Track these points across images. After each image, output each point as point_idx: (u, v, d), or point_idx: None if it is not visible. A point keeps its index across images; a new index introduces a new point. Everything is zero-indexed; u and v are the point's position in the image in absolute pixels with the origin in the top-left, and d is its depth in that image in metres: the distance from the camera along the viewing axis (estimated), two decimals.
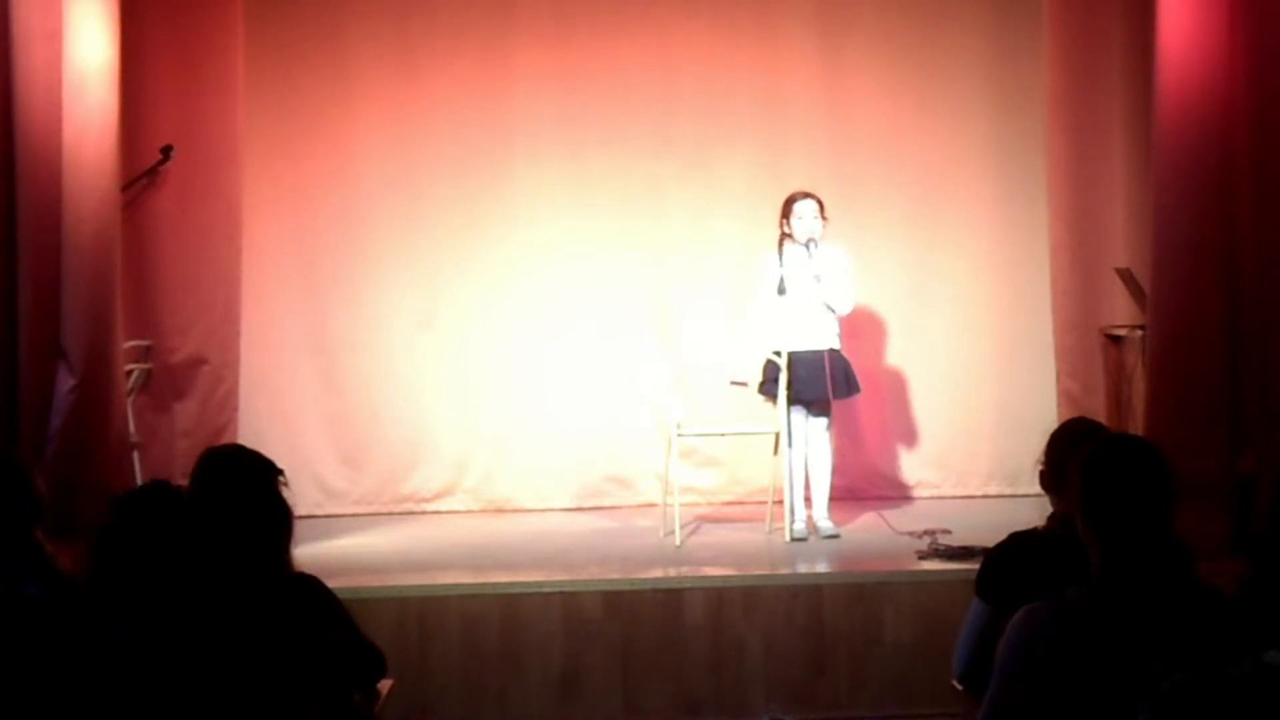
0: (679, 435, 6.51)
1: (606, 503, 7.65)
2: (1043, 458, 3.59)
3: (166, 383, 7.03)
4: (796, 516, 6.42)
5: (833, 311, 6.47)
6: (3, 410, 5.68)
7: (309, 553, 4.90)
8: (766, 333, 6.49)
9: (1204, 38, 5.84)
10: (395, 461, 7.67)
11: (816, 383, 6.37)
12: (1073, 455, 3.35)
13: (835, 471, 6.63)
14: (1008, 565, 3.59)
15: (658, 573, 5.76)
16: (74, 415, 5.82)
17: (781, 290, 6.45)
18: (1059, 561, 3.38)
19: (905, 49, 7.77)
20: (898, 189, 7.78)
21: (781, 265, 6.49)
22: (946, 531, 6.12)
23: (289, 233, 7.66)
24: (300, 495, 5.01)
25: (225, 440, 6.69)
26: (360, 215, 7.67)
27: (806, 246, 6.43)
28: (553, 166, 7.72)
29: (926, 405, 7.77)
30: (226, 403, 7.16)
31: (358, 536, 6.87)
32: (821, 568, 5.94)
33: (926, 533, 6.13)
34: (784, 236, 6.51)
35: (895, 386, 7.76)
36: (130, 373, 6.57)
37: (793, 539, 6.35)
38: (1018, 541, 3.66)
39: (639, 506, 7.51)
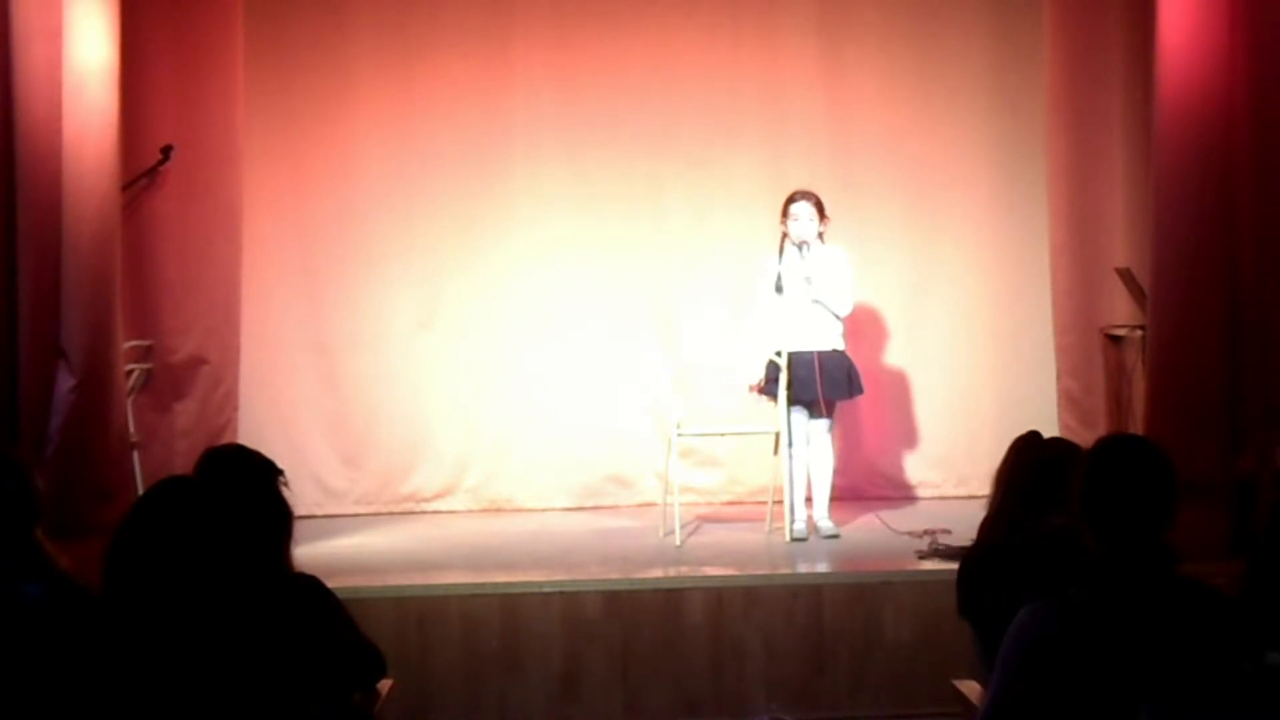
0: (679, 435, 6.51)
1: (606, 503, 7.66)
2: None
3: (166, 383, 7.03)
4: (796, 516, 6.42)
5: (831, 313, 6.47)
6: (3, 410, 5.68)
7: (309, 553, 4.88)
8: (767, 332, 6.50)
9: (1204, 38, 5.84)
10: (395, 461, 7.67)
11: (816, 384, 6.38)
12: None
13: (836, 471, 6.63)
14: (974, 583, 3.61)
15: (658, 573, 5.76)
16: (74, 415, 5.82)
17: (779, 289, 6.45)
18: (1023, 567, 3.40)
19: (906, 49, 7.77)
20: (898, 189, 7.77)
21: (781, 265, 6.49)
22: (946, 531, 6.12)
23: (289, 233, 7.66)
24: (300, 495, 4.99)
25: (225, 440, 6.70)
26: (360, 215, 7.67)
27: (799, 248, 6.44)
28: (553, 166, 7.72)
29: (927, 405, 7.77)
30: (226, 403, 7.16)
31: (358, 536, 6.87)
32: (821, 568, 5.94)
33: (926, 533, 6.14)
34: (784, 236, 6.52)
35: (896, 386, 7.76)
36: (130, 373, 6.57)
37: (793, 539, 6.35)
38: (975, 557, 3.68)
39: (639, 506, 7.51)
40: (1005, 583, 3.40)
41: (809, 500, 6.54)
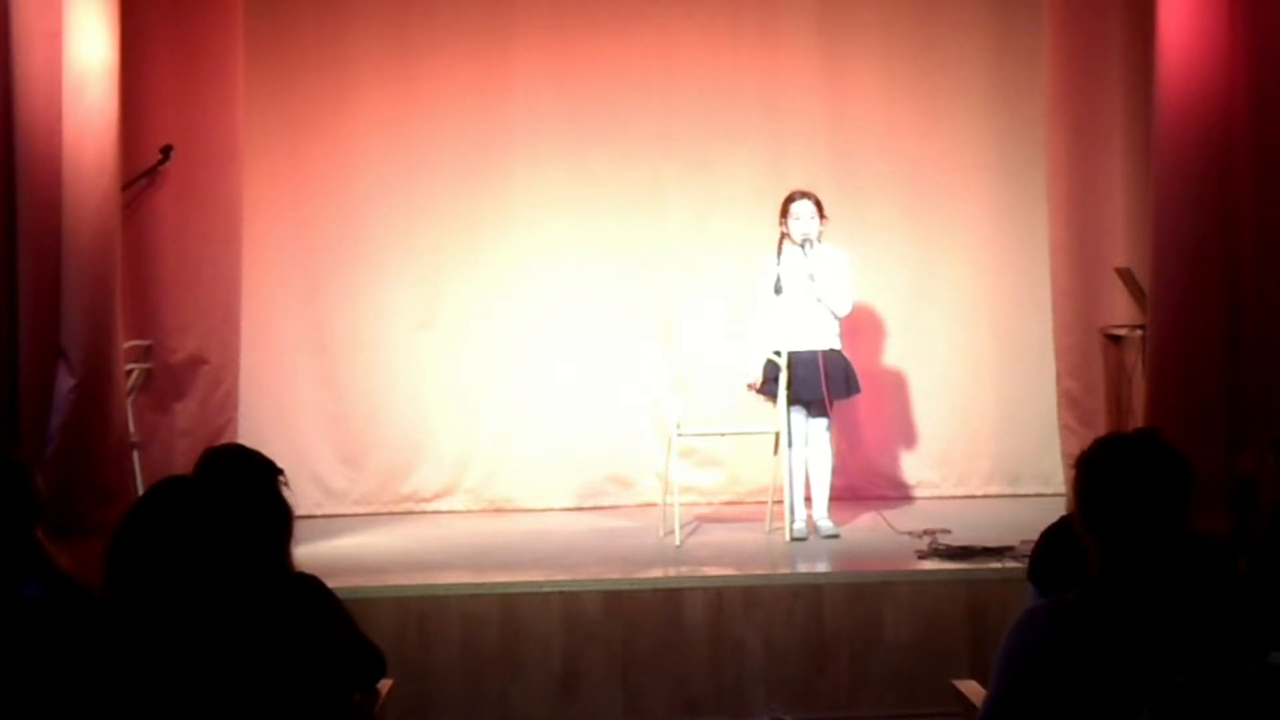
0: (679, 435, 6.51)
1: (606, 503, 7.66)
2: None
3: (166, 383, 7.03)
4: (796, 516, 6.42)
5: (831, 312, 6.47)
6: (3, 410, 5.68)
7: (309, 553, 4.89)
8: (767, 332, 6.50)
9: (1204, 38, 5.84)
10: (395, 461, 7.67)
11: (816, 383, 6.38)
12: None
13: (835, 471, 6.63)
14: (1053, 551, 3.59)
15: (658, 573, 5.76)
16: (74, 415, 5.83)
17: (778, 289, 6.45)
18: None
19: (905, 49, 7.77)
20: (898, 189, 7.78)
21: (779, 265, 6.49)
22: (946, 531, 6.12)
23: (289, 233, 7.66)
24: (300, 495, 4.99)
25: (225, 440, 6.69)
26: (360, 215, 7.67)
27: (802, 246, 6.44)
28: (553, 166, 7.72)
29: (926, 405, 7.77)
30: (226, 403, 7.16)
31: (358, 536, 6.86)
32: (821, 568, 5.94)
33: (926, 532, 6.13)
34: (783, 236, 6.52)
35: (895, 386, 7.76)
36: (130, 373, 6.58)
37: (793, 539, 6.35)
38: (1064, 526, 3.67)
39: (639, 506, 7.51)
40: (1076, 566, 3.38)
41: (808, 500, 6.54)
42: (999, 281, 7.79)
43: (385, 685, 3.62)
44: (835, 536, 6.41)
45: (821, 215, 6.47)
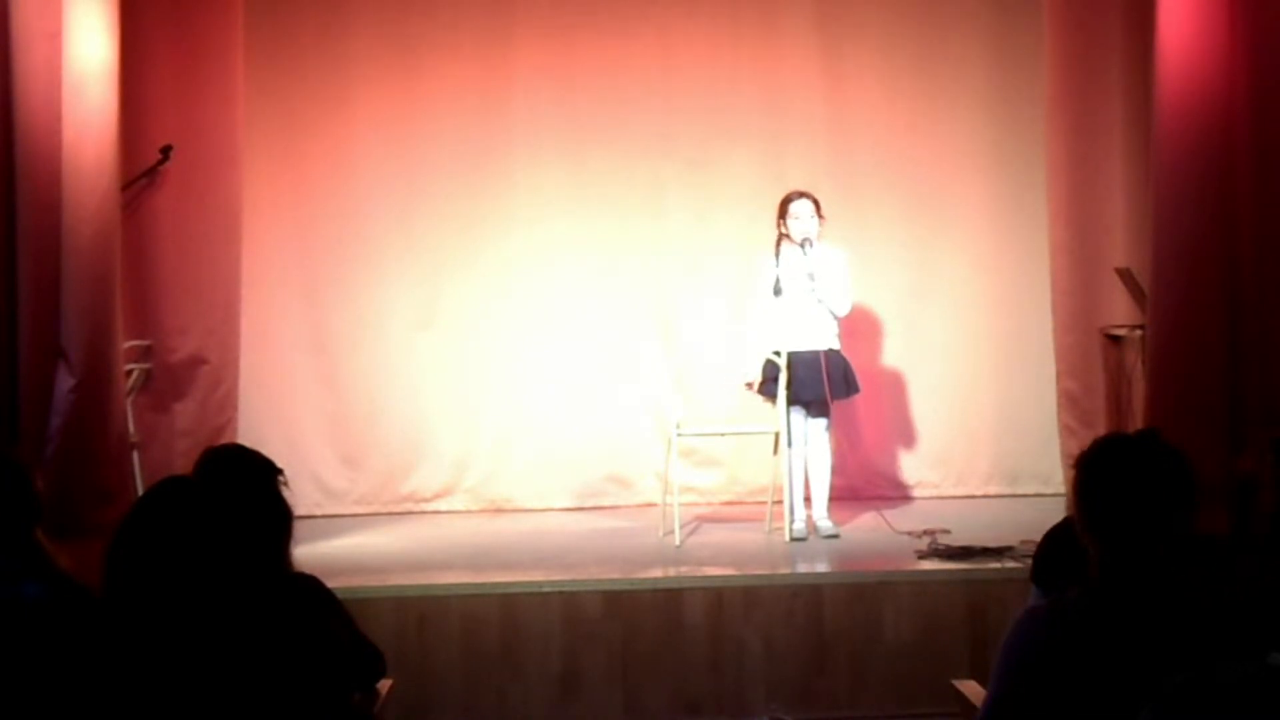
0: (679, 435, 6.51)
1: (606, 503, 7.66)
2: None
3: (166, 383, 7.03)
4: (796, 516, 6.42)
5: (831, 312, 6.47)
6: (3, 410, 5.68)
7: (309, 553, 4.89)
8: (766, 333, 6.49)
9: (1204, 38, 5.84)
10: (395, 461, 7.67)
11: (815, 383, 6.37)
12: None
13: (835, 471, 6.63)
14: (1055, 552, 3.59)
15: (658, 573, 5.76)
16: (74, 415, 5.83)
17: (778, 291, 6.44)
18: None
19: (905, 49, 7.77)
20: (897, 189, 7.78)
21: (778, 265, 6.49)
22: (946, 531, 6.12)
23: (289, 233, 7.66)
24: (300, 495, 5.00)
25: (225, 440, 6.69)
26: (360, 215, 7.67)
27: (802, 246, 6.44)
28: (553, 166, 7.72)
29: (926, 405, 7.77)
30: (226, 403, 7.16)
31: (358, 536, 6.87)
32: (821, 568, 5.94)
33: (926, 532, 6.14)
34: (781, 237, 6.52)
35: (895, 386, 7.76)
36: (130, 373, 6.58)
37: (792, 539, 6.35)
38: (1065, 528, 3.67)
39: (639, 506, 7.51)
40: (1079, 568, 3.38)
41: (808, 500, 6.54)
42: (999, 281, 7.79)
43: (385, 685, 3.62)
44: (835, 536, 6.41)
45: (819, 215, 6.47)
